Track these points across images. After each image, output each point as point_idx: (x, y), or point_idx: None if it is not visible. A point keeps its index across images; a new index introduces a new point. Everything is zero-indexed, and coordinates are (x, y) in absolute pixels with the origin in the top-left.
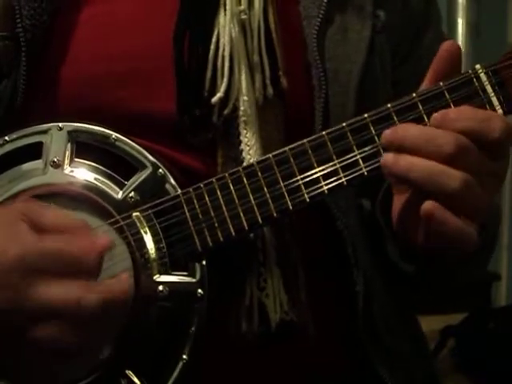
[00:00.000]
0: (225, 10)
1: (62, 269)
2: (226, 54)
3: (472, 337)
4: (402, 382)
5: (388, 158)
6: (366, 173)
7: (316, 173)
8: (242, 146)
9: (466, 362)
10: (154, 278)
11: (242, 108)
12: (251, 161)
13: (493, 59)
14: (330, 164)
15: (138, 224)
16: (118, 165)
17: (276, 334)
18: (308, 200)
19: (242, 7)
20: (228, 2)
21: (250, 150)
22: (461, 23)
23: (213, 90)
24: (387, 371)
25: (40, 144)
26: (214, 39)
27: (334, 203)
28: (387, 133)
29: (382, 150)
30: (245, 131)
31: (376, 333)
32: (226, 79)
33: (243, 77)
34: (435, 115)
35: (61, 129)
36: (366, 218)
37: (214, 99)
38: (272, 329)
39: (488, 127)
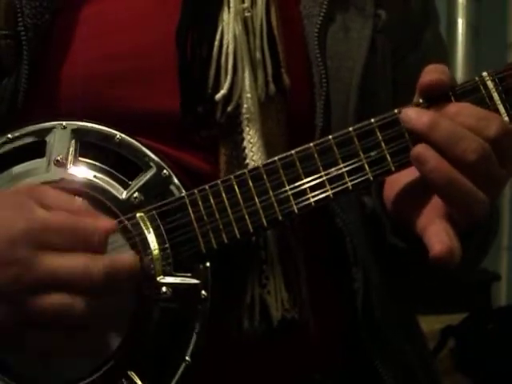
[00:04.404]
0: (228, 7)
1: (69, 243)
2: (230, 51)
3: (472, 337)
4: (401, 380)
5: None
6: (371, 178)
7: (321, 177)
8: (245, 144)
9: (466, 361)
10: (158, 278)
11: (245, 105)
12: (254, 158)
13: (493, 59)
14: (336, 168)
15: (142, 224)
16: (122, 165)
17: (277, 331)
18: (313, 204)
19: (246, 5)
20: None
21: (252, 147)
22: (461, 23)
23: (216, 87)
24: (387, 369)
25: (43, 142)
26: (218, 36)
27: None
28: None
29: (388, 156)
30: (248, 128)
31: (375, 330)
32: (229, 76)
33: (246, 74)
34: (436, 109)
35: (65, 127)
36: (367, 215)
37: (218, 96)
38: (273, 326)
39: (485, 126)
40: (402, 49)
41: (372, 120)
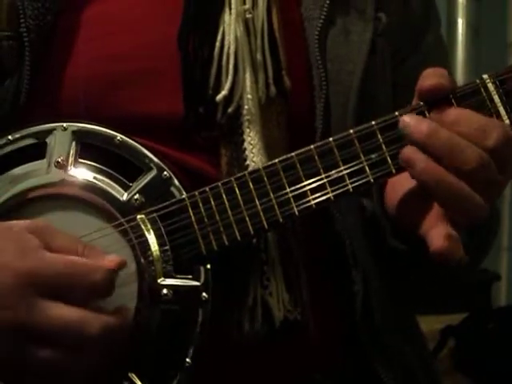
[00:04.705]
0: (230, 8)
1: (71, 287)
2: (231, 52)
3: (472, 337)
4: (401, 381)
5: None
6: (372, 180)
7: (322, 179)
8: (246, 145)
9: (465, 361)
10: (159, 281)
11: (246, 107)
12: (254, 160)
13: (492, 59)
14: (337, 171)
15: (143, 227)
16: (122, 166)
17: (278, 332)
18: (314, 206)
19: (247, 6)
20: (233, 0)
21: (253, 148)
22: (461, 23)
23: (217, 88)
24: (386, 370)
25: (44, 144)
26: (219, 37)
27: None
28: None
29: (388, 158)
30: (248, 130)
31: (375, 332)
32: (230, 77)
33: (247, 75)
34: (436, 113)
35: (65, 129)
36: (367, 217)
37: (219, 97)
38: (276, 327)
39: (485, 135)
40: (402, 51)
41: (373, 122)
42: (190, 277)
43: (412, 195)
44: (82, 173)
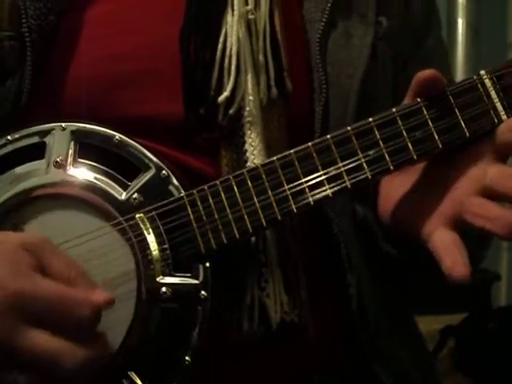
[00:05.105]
0: (232, 9)
1: (54, 317)
2: (233, 53)
3: (472, 337)
4: (400, 383)
5: None
6: (370, 176)
7: (320, 176)
8: (246, 147)
9: (465, 361)
10: (157, 279)
11: (247, 108)
12: (255, 161)
13: (492, 59)
14: (335, 167)
15: (142, 225)
16: (121, 166)
17: (276, 333)
18: (312, 203)
19: (249, 7)
20: (236, 1)
21: (254, 150)
22: (461, 23)
23: (219, 90)
24: (385, 372)
25: (43, 144)
26: (221, 38)
27: (330, 207)
28: None
29: (386, 155)
30: (249, 131)
31: (371, 334)
32: (232, 79)
33: (249, 77)
34: (493, 172)
35: (64, 129)
36: (359, 222)
37: (221, 98)
38: (273, 329)
39: None
40: (403, 55)
41: (370, 119)
42: (189, 275)
43: (407, 202)
44: (81, 172)
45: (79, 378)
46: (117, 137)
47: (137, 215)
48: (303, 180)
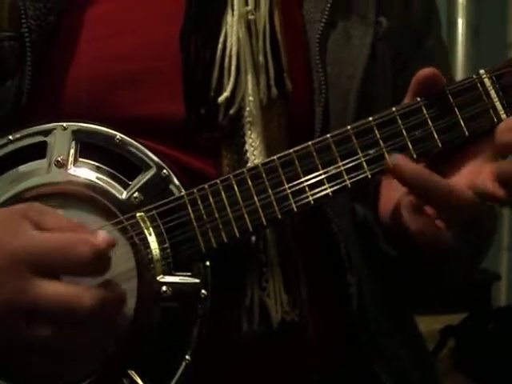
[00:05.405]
0: (232, 9)
1: (58, 261)
2: (234, 53)
3: (472, 337)
4: (400, 383)
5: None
6: (370, 175)
7: (320, 175)
8: (247, 147)
9: (465, 361)
10: (158, 278)
11: (247, 108)
12: (256, 161)
13: (492, 59)
14: (335, 166)
15: (142, 224)
16: (122, 165)
17: (276, 333)
18: (312, 202)
19: (249, 7)
20: (236, 2)
21: (254, 150)
22: (461, 23)
23: (219, 90)
24: (385, 372)
25: (44, 144)
26: (221, 38)
27: (330, 206)
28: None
29: (386, 154)
30: (249, 132)
31: (371, 334)
32: (232, 79)
33: (249, 77)
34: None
35: (65, 128)
36: (359, 222)
37: (221, 99)
38: (273, 328)
39: None
40: (403, 55)
41: (370, 118)
42: (190, 274)
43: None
44: (82, 172)
45: (99, 319)
46: (118, 136)
47: (137, 214)
48: (303, 179)
